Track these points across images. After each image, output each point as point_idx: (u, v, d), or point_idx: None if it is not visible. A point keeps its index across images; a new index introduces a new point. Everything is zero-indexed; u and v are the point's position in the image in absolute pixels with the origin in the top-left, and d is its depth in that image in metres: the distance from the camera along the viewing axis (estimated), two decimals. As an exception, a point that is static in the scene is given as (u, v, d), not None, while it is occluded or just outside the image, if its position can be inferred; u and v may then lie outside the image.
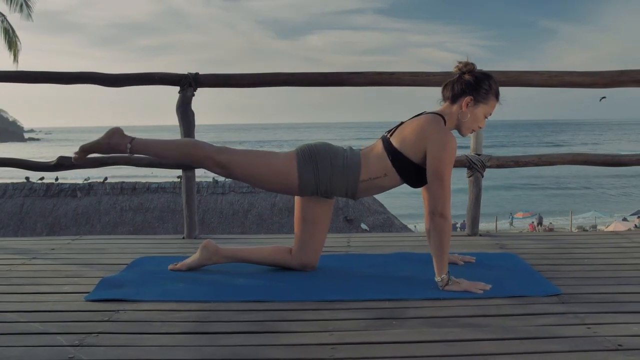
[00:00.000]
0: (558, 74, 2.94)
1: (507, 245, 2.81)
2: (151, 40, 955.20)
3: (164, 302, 1.94)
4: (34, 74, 3.21)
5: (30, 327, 1.73)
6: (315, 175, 2.14)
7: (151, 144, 2.21)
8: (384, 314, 1.82)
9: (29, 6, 14.46)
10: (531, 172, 34.38)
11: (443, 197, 2.05)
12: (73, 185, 12.23)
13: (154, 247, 2.89)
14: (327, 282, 2.16)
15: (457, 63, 2.18)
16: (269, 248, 2.35)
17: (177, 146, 2.25)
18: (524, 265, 2.38)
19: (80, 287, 2.13)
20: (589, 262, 2.47)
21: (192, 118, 3.10)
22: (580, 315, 1.78)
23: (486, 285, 2.04)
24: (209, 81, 3.08)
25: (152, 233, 11.06)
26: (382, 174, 2.16)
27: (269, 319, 1.79)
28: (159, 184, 12.27)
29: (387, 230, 12.10)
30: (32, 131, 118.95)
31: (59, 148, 66.07)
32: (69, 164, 3.04)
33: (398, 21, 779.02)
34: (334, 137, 77.62)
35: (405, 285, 2.11)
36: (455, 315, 1.80)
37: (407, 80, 2.98)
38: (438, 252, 2.06)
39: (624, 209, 26.20)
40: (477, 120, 2.18)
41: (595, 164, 3.02)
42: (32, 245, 2.94)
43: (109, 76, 3.10)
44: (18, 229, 11.56)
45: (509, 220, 23.51)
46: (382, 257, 2.56)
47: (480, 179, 3.02)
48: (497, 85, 2.20)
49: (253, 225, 11.88)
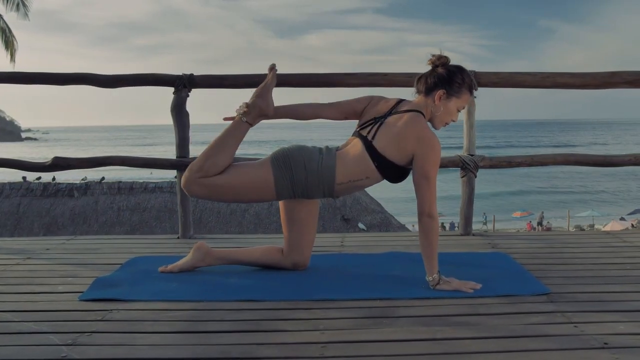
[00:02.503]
0: (550, 75, 2.97)
1: (499, 244, 2.83)
2: (149, 40, 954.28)
3: (157, 302, 1.96)
4: (29, 74, 3.22)
5: (24, 326, 1.74)
6: (291, 180, 2.14)
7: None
8: (375, 312, 1.85)
9: (26, 5, 14.47)
10: (528, 171, 34.45)
11: (430, 197, 2.07)
12: (70, 184, 12.23)
13: (148, 247, 2.91)
14: (319, 281, 2.18)
15: (431, 56, 2.18)
16: (261, 249, 2.37)
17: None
18: (514, 265, 2.40)
19: (74, 286, 2.15)
20: (579, 261, 2.50)
21: (187, 119, 3.12)
22: (568, 314, 1.80)
23: (476, 285, 2.06)
24: (204, 82, 3.09)
25: (149, 233, 11.07)
26: (364, 176, 2.16)
27: (260, 318, 1.81)
28: (156, 184, 12.28)
29: (385, 229, 12.12)
30: (30, 131, 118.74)
31: (57, 148, 66.05)
32: (64, 164, 3.06)
33: (397, 21, 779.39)
34: (337, 137, 77.72)
35: (397, 284, 2.13)
36: (444, 314, 1.82)
37: (402, 81, 3.00)
38: (428, 251, 2.08)
39: (621, 208, 26.29)
40: (450, 114, 2.19)
41: (587, 164, 3.04)
42: (27, 245, 2.96)
43: (104, 77, 3.11)
44: (15, 228, 11.56)
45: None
46: (374, 257, 2.58)
47: (473, 179, 3.04)
48: (470, 78, 2.21)
49: (250, 224, 11.90)
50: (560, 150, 34.39)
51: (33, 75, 3.20)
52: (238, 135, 2.22)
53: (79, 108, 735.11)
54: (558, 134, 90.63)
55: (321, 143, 2.34)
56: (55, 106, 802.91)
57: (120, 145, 68.72)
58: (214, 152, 2.17)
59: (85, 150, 60.56)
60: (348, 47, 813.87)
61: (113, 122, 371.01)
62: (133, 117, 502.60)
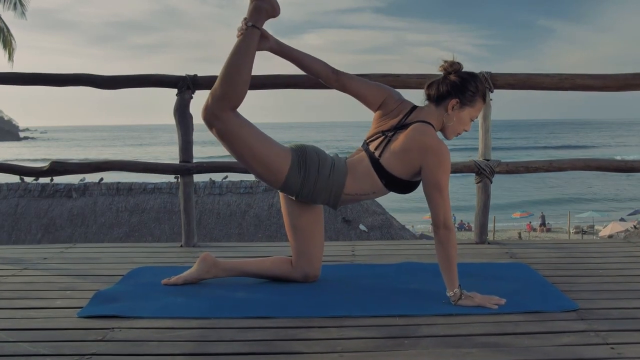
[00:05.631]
0: (569, 76, 2.85)
1: (517, 254, 2.71)
2: (147, 39, 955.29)
3: (161, 319, 1.83)
4: (28, 75, 3.09)
5: (19, 347, 1.62)
6: (303, 177, 2.02)
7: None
8: (395, 332, 1.73)
9: (23, 4, 14.31)
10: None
11: (444, 208, 1.95)
12: (68, 185, 12.08)
13: (150, 257, 2.78)
14: (333, 295, 2.06)
15: (443, 62, 2.06)
16: (270, 260, 2.25)
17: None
18: (536, 277, 2.28)
19: (73, 301, 2.03)
20: (604, 272, 2.38)
21: (191, 121, 3.00)
22: (602, 334, 1.68)
23: (500, 300, 1.94)
24: (208, 83, 2.97)
25: (149, 234, 10.93)
26: (371, 192, 2.07)
27: (272, 338, 1.69)
28: (155, 185, 12.14)
29: (386, 231, 12.00)
30: (28, 130, 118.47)
31: (55, 148, 65.85)
32: (62, 170, 2.93)
33: (396, 20, 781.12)
34: (336, 136, 77.62)
35: (415, 299, 2.01)
36: (470, 334, 1.70)
37: (414, 83, 2.88)
38: (446, 265, 1.96)
39: (621, 209, 26.21)
40: (463, 124, 2.07)
41: (608, 169, 2.93)
42: (24, 254, 2.83)
43: (104, 78, 2.99)
44: (12, 229, 11.42)
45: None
46: (388, 268, 2.46)
47: (489, 185, 2.92)
48: (484, 86, 2.10)
49: (250, 226, 11.76)
50: (562, 151, 34.22)
51: (30, 76, 3.08)
52: (250, 44, 1.97)
53: (78, 107, 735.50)
54: (566, 134, 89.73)
55: (322, 143, 2.22)
56: (53, 105, 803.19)
57: (119, 146, 68.44)
58: (231, 71, 1.94)
59: (84, 150, 60.32)
60: (347, 46, 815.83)
61: (113, 122, 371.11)
62: (134, 117, 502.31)
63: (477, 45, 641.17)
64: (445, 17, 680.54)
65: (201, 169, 3.02)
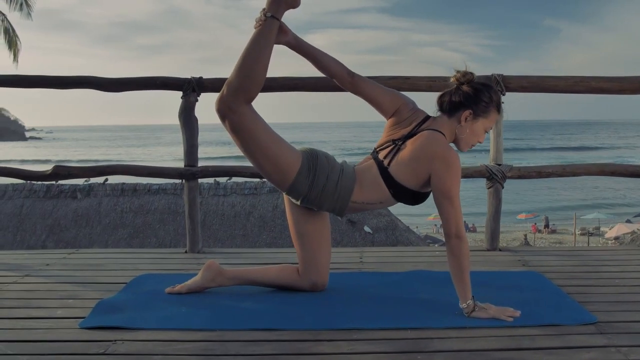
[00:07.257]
0: (584, 79, 2.78)
1: (530, 262, 2.64)
2: (152, 39, 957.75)
3: (165, 331, 1.78)
4: (32, 78, 3.05)
5: (18, 361, 1.57)
6: (311, 182, 1.97)
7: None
8: (407, 346, 1.66)
9: (29, 5, 14.32)
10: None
11: (455, 217, 1.89)
12: (73, 186, 12.06)
13: (154, 263, 2.73)
14: (342, 306, 1.99)
15: (455, 72, 2.00)
16: (276, 268, 2.19)
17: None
18: (551, 287, 2.21)
19: (75, 310, 1.98)
20: (620, 282, 2.31)
21: (196, 124, 2.95)
22: (624, 350, 1.61)
23: (515, 312, 1.87)
24: (213, 86, 2.91)
25: (153, 235, 10.89)
26: (378, 201, 2.02)
27: (280, 352, 1.63)
28: (160, 186, 12.11)
29: (391, 232, 11.93)
30: (34, 130, 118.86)
31: (60, 148, 66.03)
32: (65, 173, 2.89)
33: (401, 20, 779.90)
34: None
35: (427, 310, 1.94)
36: (486, 349, 1.64)
37: (424, 86, 2.82)
38: (459, 275, 1.89)
39: (627, 210, 26.03)
40: (477, 135, 2.01)
41: (623, 174, 2.86)
42: (26, 259, 2.78)
43: (109, 81, 2.95)
44: (17, 230, 11.41)
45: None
46: (397, 276, 2.40)
47: (500, 191, 2.86)
48: (499, 96, 2.03)
49: (255, 227, 11.71)
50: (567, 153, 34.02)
51: (38, 79, 3.03)
52: (268, 36, 1.89)
53: (83, 107, 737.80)
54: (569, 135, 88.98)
55: (327, 144, 2.15)
56: (59, 106, 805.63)
57: (124, 146, 68.55)
58: (248, 62, 1.87)
59: (90, 150, 60.43)
60: (352, 46, 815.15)
61: (118, 122, 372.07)
62: (138, 117, 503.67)
63: (482, 45, 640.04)
64: (450, 18, 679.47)
65: (206, 174, 2.97)
